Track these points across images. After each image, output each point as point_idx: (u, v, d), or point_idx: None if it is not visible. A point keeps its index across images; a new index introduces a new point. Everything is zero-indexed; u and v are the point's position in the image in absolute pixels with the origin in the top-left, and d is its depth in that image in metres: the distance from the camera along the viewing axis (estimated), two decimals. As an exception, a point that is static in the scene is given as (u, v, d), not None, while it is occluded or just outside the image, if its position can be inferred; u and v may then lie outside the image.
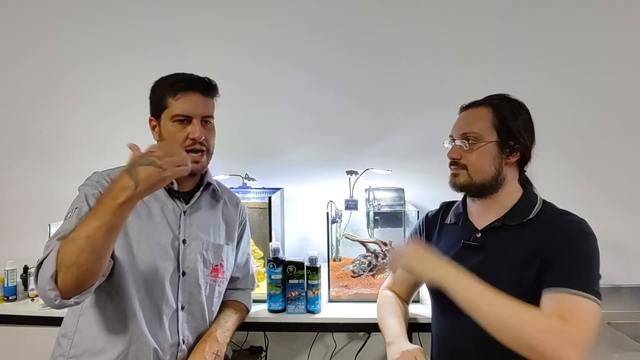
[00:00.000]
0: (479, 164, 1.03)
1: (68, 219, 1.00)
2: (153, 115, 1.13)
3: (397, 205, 1.63)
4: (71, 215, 1.00)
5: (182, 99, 1.08)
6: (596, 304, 0.87)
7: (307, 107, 1.91)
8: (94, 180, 1.06)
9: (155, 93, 1.12)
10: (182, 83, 1.08)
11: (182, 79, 1.09)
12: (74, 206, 1.02)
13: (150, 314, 1.06)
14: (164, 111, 1.09)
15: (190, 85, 1.09)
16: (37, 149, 1.97)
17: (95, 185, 1.05)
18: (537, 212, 1.02)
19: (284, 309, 1.37)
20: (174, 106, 1.08)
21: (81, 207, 1.00)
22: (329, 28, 1.88)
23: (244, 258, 1.32)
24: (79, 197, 1.04)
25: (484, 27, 1.83)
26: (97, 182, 1.06)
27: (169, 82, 1.10)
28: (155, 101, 1.12)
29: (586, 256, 0.93)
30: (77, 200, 1.04)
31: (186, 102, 1.08)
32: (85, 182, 1.08)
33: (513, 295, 0.96)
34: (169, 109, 1.08)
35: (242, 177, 1.76)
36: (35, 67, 1.95)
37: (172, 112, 1.08)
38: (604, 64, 1.80)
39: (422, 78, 1.87)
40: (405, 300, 1.29)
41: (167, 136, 1.09)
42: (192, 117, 1.09)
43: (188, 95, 1.08)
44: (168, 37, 1.90)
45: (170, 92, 1.08)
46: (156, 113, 1.12)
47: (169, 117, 1.09)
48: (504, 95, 1.08)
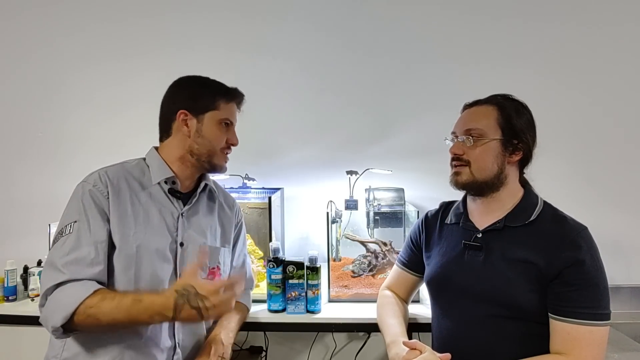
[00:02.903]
0: (482, 160, 1.03)
1: (68, 234, 0.99)
2: (190, 110, 1.11)
3: (397, 205, 1.63)
4: (70, 230, 1.00)
5: (231, 106, 1.16)
6: (605, 327, 0.91)
7: (307, 107, 1.92)
8: (91, 185, 1.05)
9: (203, 91, 1.13)
10: (234, 92, 1.17)
11: (233, 88, 1.18)
12: (72, 218, 1.01)
13: None
14: (210, 111, 1.12)
15: (237, 95, 1.18)
16: (39, 150, 1.97)
17: (94, 192, 1.04)
18: (538, 214, 1.02)
19: (284, 309, 1.37)
20: (224, 110, 1.14)
21: (80, 220, 1.01)
22: (330, 29, 1.88)
23: (240, 259, 1.31)
24: (78, 208, 1.02)
25: (485, 28, 1.83)
26: (95, 187, 1.04)
27: (222, 87, 1.16)
28: (201, 98, 1.12)
29: (594, 279, 0.93)
30: (74, 211, 1.02)
31: (233, 109, 1.17)
32: (83, 183, 1.06)
33: (512, 295, 0.97)
34: (219, 111, 1.13)
35: (242, 177, 1.76)
36: (37, 69, 1.95)
37: (222, 115, 1.14)
38: (603, 66, 1.80)
39: (422, 78, 1.87)
40: (405, 300, 1.28)
41: (209, 135, 1.12)
42: (234, 123, 1.18)
43: (234, 104, 1.17)
44: (169, 39, 1.91)
45: (225, 96, 1.15)
46: (197, 110, 1.12)
47: (217, 119, 1.13)
48: (507, 95, 1.08)
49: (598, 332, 0.91)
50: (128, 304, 0.93)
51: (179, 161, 1.13)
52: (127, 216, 1.05)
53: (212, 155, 1.14)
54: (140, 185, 1.10)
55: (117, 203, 1.05)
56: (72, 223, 1.01)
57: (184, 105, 1.12)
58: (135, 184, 1.10)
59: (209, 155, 1.13)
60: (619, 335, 1.43)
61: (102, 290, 0.96)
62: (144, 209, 1.08)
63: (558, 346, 0.93)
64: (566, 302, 0.93)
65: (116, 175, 1.09)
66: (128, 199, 1.07)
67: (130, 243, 1.04)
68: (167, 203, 1.12)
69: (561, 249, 0.95)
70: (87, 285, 0.95)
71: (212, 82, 1.17)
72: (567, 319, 0.92)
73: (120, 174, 1.09)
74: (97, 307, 0.93)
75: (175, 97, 1.14)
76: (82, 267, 0.97)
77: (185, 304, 0.92)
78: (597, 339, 0.91)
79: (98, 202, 1.03)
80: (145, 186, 1.11)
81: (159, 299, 0.94)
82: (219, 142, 1.14)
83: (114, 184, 1.06)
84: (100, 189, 1.04)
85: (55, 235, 1.03)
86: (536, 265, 0.96)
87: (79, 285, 0.95)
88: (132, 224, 1.05)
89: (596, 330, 0.91)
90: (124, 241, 1.03)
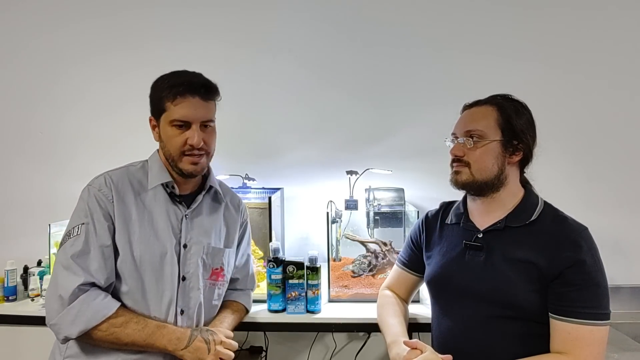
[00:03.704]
0: (482, 162, 1.03)
1: (76, 236, 1.01)
2: (153, 115, 1.12)
3: (397, 205, 1.63)
4: (78, 232, 1.02)
5: (181, 104, 1.04)
6: (605, 327, 0.92)
7: (308, 106, 1.91)
8: (97, 189, 1.06)
9: (155, 94, 1.09)
10: (181, 87, 1.04)
11: (182, 82, 1.04)
12: (80, 220, 1.03)
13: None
14: (162, 114, 1.07)
15: (189, 89, 1.04)
16: (37, 149, 1.96)
17: (99, 196, 1.05)
18: (539, 214, 1.02)
19: (284, 309, 1.37)
20: (172, 111, 1.05)
21: (87, 222, 1.03)
22: (330, 28, 1.87)
23: (243, 259, 1.31)
24: (84, 211, 1.04)
25: (487, 24, 1.82)
26: (100, 191, 1.06)
27: (168, 85, 1.05)
28: (155, 102, 1.10)
29: (595, 279, 0.94)
30: (81, 213, 1.04)
31: (185, 107, 1.04)
32: (89, 187, 1.07)
33: (513, 295, 0.97)
34: (167, 112, 1.06)
35: (242, 177, 1.76)
36: (33, 65, 1.94)
37: (171, 116, 1.05)
38: (606, 61, 1.78)
39: (423, 77, 1.86)
40: (405, 299, 1.28)
41: (166, 139, 1.09)
42: (191, 122, 1.06)
43: (187, 100, 1.04)
44: (167, 34, 1.89)
45: (168, 96, 1.04)
46: (156, 114, 1.10)
47: (168, 121, 1.06)
48: (507, 95, 1.08)
49: (598, 332, 0.92)
50: (153, 328, 1.02)
51: (168, 164, 1.13)
52: (132, 220, 1.07)
53: (174, 159, 1.09)
54: (144, 189, 1.11)
55: (122, 207, 1.06)
56: (80, 225, 1.03)
57: (151, 110, 1.12)
58: (140, 187, 1.11)
59: (172, 160, 1.09)
60: (619, 335, 1.43)
61: (125, 310, 1.03)
62: (148, 211, 1.09)
63: (558, 346, 0.94)
64: (567, 302, 0.93)
65: (121, 179, 1.10)
66: (133, 202, 1.08)
67: (135, 247, 1.05)
68: (170, 205, 1.12)
69: (562, 249, 0.95)
70: (110, 303, 1.01)
71: (164, 80, 1.07)
72: (568, 318, 0.93)
73: (124, 177, 1.11)
74: (123, 328, 0.99)
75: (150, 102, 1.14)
76: (93, 270, 1.00)
77: (198, 336, 1.05)
78: (597, 338, 0.91)
79: (103, 206, 1.05)
80: (149, 189, 1.11)
81: (180, 329, 1.05)
82: (174, 145, 1.07)
83: (118, 188, 1.08)
84: (106, 193, 1.06)
85: (63, 237, 1.05)
86: (537, 266, 0.96)
87: (102, 299, 0.99)
88: (137, 228, 1.06)
89: (596, 330, 0.91)
90: (128, 246, 1.05)
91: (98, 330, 0.98)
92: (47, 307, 0.99)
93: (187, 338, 1.03)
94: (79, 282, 0.97)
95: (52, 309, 0.98)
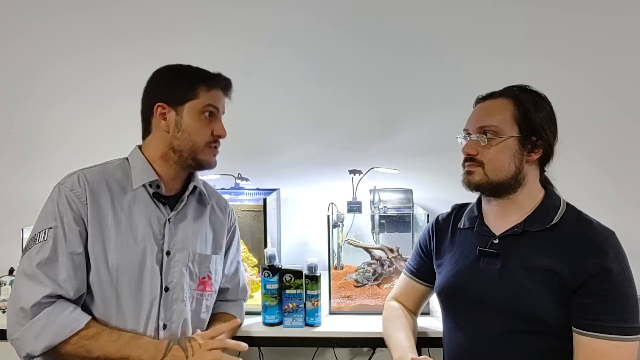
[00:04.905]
0: (497, 161, 1.02)
1: (42, 241, 1.00)
2: (166, 101, 1.10)
3: (405, 207, 1.63)
4: (45, 237, 1.00)
5: (214, 93, 1.13)
6: (634, 342, 0.91)
7: (307, 100, 1.91)
8: (69, 188, 1.04)
9: (181, 79, 1.11)
10: (216, 78, 1.15)
11: (217, 75, 1.15)
12: (48, 224, 1.01)
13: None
14: (189, 101, 1.10)
15: (221, 82, 1.16)
16: (12, 148, 1.96)
17: (71, 197, 1.03)
18: (561, 217, 1.01)
19: (281, 322, 1.36)
20: (207, 97, 1.12)
21: (55, 227, 1.01)
22: (330, 15, 1.87)
23: (232, 267, 1.30)
24: (53, 213, 1.02)
25: (499, 17, 1.82)
26: (72, 191, 1.04)
27: (205, 73, 1.14)
28: (178, 88, 1.10)
29: (622, 289, 0.93)
30: (50, 216, 1.02)
31: (217, 97, 1.15)
32: (60, 185, 1.06)
33: (532, 307, 0.96)
34: (199, 99, 1.11)
35: (234, 176, 1.75)
36: (12, 60, 1.94)
37: (204, 102, 1.11)
38: (631, 58, 1.78)
39: (432, 70, 1.86)
40: (414, 312, 1.28)
41: (191, 129, 1.10)
42: (220, 111, 1.16)
43: (217, 91, 1.15)
44: (157, 28, 1.90)
45: (205, 82, 1.12)
46: (175, 101, 1.10)
47: (198, 108, 1.11)
48: (524, 87, 1.07)
49: (627, 348, 0.90)
50: (127, 339, 1.01)
51: (162, 160, 1.13)
52: (108, 225, 1.05)
53: (195, 150, 1.12)
54: (123, 189, 1.10)
55: (97, 210, 1.05)
56: (48, 229, 1.01)
57: (161, 97, 1.11)
58: (118, 187, 1.10)
59: (192, 151, 1.12)
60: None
61: (96, 322, 1.02)
62: (126, 215, 1.08)
63: None
64: (591, 315, 0.92)
65: (96, 178, 1.08)
66: (109, 205, 1.07)
67: (110, 255, 1.04)
68: (152, 208, 1.11)
69: (586, 256, 0.94)
70: (79, 316, 1.00)
71: (191, 68, 1.15)
72: (593, 333, 0.92)
73: (101, 176, 1.09)
74: (94, 339, 0.98)
75: (152, 90, 1.14)
76: (61, 280, 0.98)
77: (175, 344, 1.04)
78: (625, 355, 0.90)
79: (75, 209, 1.03)
80: (128, 190, 1.10)
81: (156, 340, 1.05)
82: (202, 134, 1.12)
83: (93, 189, 1.06)
84: (78, 194, 1.04)
85: (27, 242, 1.03)
86: (558, 274, 0.95)
87: (70, 312, 0.99)
88: (113, 234, 1.05)
89: (624, 345, 0.90)
90: (102, 253, 1.03)
91: (67, 343, 0.96)
92: (8, 320, 0.98)
93: (164, 348, 1.02)
94: (44, 293, 0.96)
95: (13, 321, 0.96)
